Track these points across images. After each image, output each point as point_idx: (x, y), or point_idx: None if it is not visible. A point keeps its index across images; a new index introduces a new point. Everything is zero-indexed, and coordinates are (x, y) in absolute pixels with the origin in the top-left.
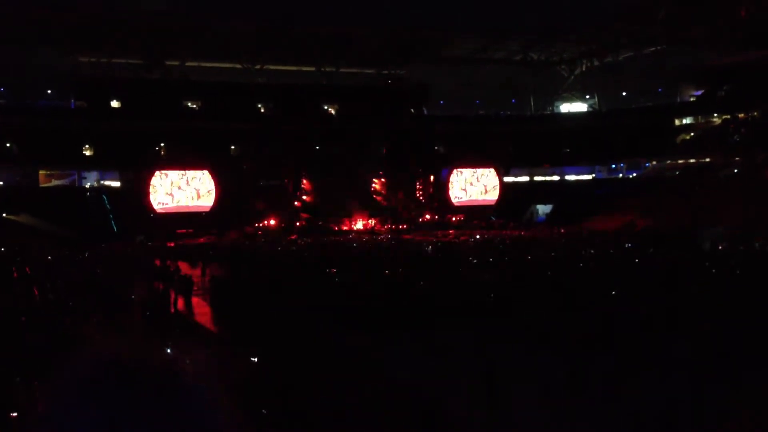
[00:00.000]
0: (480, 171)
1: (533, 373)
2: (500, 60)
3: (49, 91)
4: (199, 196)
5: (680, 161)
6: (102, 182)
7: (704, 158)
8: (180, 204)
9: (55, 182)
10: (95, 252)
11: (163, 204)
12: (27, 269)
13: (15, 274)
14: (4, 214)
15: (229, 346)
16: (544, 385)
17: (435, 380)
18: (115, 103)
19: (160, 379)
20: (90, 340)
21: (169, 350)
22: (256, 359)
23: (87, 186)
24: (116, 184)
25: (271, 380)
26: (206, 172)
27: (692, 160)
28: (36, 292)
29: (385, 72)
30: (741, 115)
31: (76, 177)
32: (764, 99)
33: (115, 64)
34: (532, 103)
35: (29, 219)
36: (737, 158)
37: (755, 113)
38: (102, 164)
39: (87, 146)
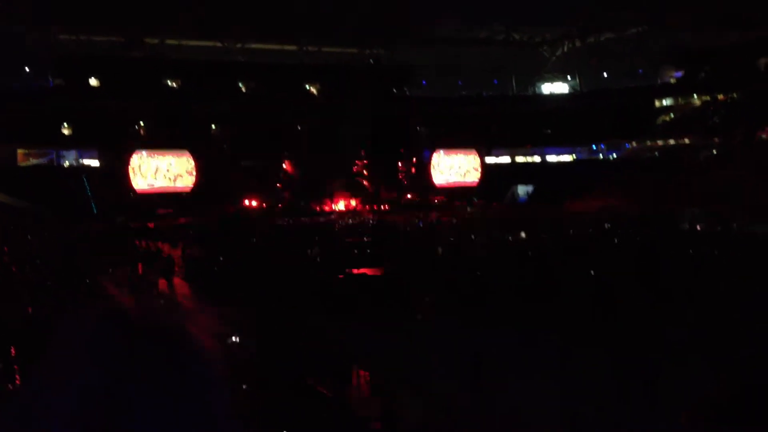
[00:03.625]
0: (462, 152)
1: (514, 354)
2: (483, 41)
3: (27, 69)
4: (179, 177)
5: (660, 142)
6: (81, 161)
7: (684, 139)
8: (160, 184)
9: (33, 161)
10: (75, 232)
11: (143, 184)
12: (5, 249)
13: None
14: None
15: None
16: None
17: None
18: (93, 82)
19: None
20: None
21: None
22: (237, 339)
23: (65, 165)
24: (95, 163)
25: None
26: (187, 152)
27: (672, 142)
28: (15, 272)
29: (368, 52)
30: (720, 97)
31: (54, 156)
32: (744, 81)
33: (94, 42)
34: (514, 84)
35: (7, 198)
36: (716, 139)
37: (734, 95)
38: (81, 143)
39: (65, 125)
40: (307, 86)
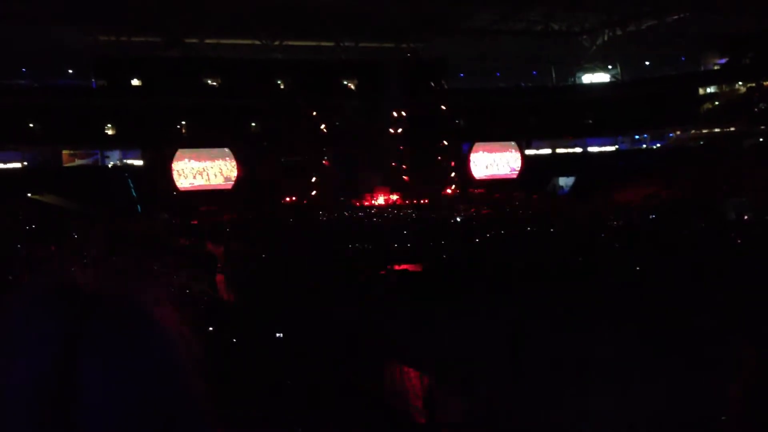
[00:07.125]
0: (501, 144)
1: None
2: (520, 31)
3: (70, 71)
4: (221, 174)
5: (704, 131)
6: (124, 161)
7: (729, 127)
8: (202, 182)
9: (78, 161)
10: (120, 230)
11: (185, 182)
12: (53, 248)
13: (40, 253)
14: (29, 194)
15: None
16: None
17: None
18: (135, 82)
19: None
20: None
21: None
22: (281, 335)
23: (110, 165)
24: (139, 162)
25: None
26: (227, 150)
27: (717, 130)
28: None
29: (404, 46)
30: (766, 83)
31: (99, 156)
32: None
33: (134, 42)
34: (554, 75)
35: (53, 198)
36: (762, 127)
37: None
38: (124, 143)
39: (109, 125)
40: (345, 81)
